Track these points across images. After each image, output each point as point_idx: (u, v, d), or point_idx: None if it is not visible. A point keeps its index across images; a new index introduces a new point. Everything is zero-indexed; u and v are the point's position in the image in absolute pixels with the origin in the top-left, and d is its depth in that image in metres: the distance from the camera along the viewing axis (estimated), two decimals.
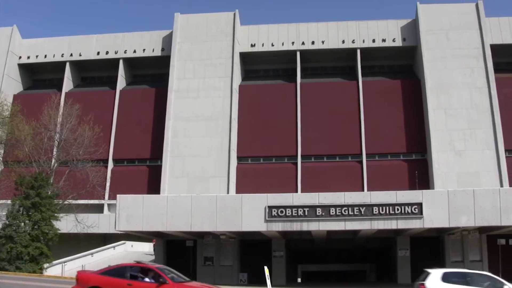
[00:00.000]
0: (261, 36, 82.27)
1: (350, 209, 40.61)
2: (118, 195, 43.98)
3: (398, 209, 40.39)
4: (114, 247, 66.79)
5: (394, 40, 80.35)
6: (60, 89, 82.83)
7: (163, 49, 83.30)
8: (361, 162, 75.92)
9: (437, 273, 29.54)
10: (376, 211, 40.52)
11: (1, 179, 65.18)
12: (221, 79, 79.10)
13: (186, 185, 74.08)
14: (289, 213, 40.98)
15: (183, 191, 70.69)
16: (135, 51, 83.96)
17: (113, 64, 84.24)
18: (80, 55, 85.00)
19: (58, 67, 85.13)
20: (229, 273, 48.64)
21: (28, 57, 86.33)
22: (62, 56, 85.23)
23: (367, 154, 75.93)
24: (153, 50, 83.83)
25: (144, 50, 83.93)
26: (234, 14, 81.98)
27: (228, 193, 71.78)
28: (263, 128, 78.02)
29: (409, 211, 40.32)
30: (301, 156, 76.56)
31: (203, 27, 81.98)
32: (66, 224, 55.41)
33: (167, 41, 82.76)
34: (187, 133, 76.95)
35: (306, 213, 40.88)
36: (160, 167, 76.50)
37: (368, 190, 67.81)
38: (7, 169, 65.07)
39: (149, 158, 79.82)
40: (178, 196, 47.97)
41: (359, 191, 62.23)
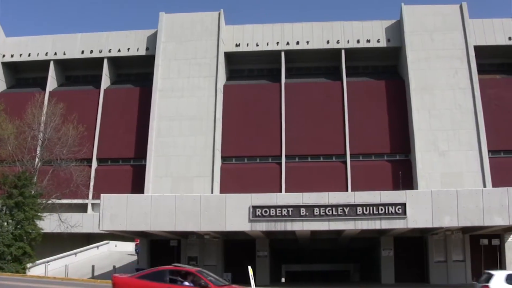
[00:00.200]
0: (246, 36, 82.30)
1: (334, 209, 40.68)
2: (102, 195, 43.87)
3: (382, 209, 40.52)
4: (98, 246, 66.62)
5: (378, 41, 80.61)
6: (44, 88, 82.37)
7: (147, 49, 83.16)
8: (345, 162, 76.07)
9: (501, 274, 29.75)
10: (360, 211, 40.62)
11: None
12: (205, 78, 79.02)
13: (170, 185, 73.95)
14: (273, 213, 41.00)
15: (167, 190, 70.58)
16: (119, 50, 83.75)
17: (97, 63, 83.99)
18: (65, 54, 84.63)
19: (42, 65, 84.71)
20: (213, 272, 48.49)
21: (12, 56, 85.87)
22: (46, 54, 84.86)
23: (351, 154, 76.08)
24: (137, 50, 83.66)
25: (128, 49, 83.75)
26: (219, 13, 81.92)
27: (212, 193, 71.74)
28: (247, 128, 78.05)
29: (393, 211, 40.44)
30: (286, 156, 76.60)
31: (188, 27, 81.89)
32: (49, 223, 55.18)
33: (152, 41, 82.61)
34: (171, 132, 76.84)
35: (290, 213, 40.91)
36: (144, 166, 76.32)
37: (352, 190, 67.93)
38: None
39: (133, 158, 79.62)
40: (162, 195, 47.88)
41: (343, 191, 62.39)
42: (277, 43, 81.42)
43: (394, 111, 77.81)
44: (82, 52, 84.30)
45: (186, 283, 25.77)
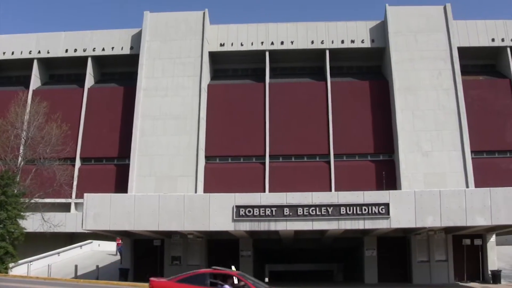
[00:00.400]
0: (230, 36, 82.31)
1: (317, 209, 40.64)
2: (85, 194, 43.62)
3: (365, 209, 40.51)
4: (81, 246, 66.27)
5: (362, 41, 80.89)
6: (28, 87, 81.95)
7: (132, 48, 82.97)
8: (328, 163, 76.24)
9: None
10: (343, 211, 40.61)
11: None
12: (190, 78, 78.98)
13: (154, 184, 73.90)
14: (256, 212, 40.93)
15: (150, 190, 70.53)
16: (103, 49, 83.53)
17: (81, 62, 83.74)
18: (48, 52, 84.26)
19: (26, 64, 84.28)
20: None
21: None
22: (30, 53, 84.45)
23: (335, 154, 76.28)
24: (122, 48, 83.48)
25: (112, 48, 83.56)
26: (204, 13, 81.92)
27: (196, 192, 71.73)
28: (231, 127, 78.06)
29: (376, 211, 40.46)
30: (269, 156, 76.71)
31: (172, 26, 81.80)
32: (32, 223, 54.77)
33: (136, 40, 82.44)
34: (155, 132, 76.75)
35: (274, 213, 40.86)
36: (127, 166, 76.17)
37: (336, 190, 68.06)
38: None
39: (116, 157, 79.41)
40: (145, 195, 47.71)
41: (326, 192, 62.40)
42: (262, 43, 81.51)
43: (378, 111, 78.09)
44: (66, 51, 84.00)
45: (227, 286, 25.51)
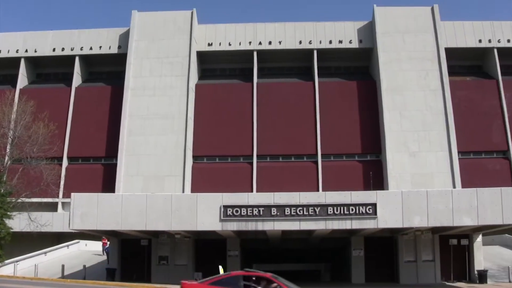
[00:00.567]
0: (218, 35, 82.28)
1: (305, 209, 40.66)
2: (72, 194, 43.47)
3: (352, 210, 40.56)
4: (68, 246, 66.01)
5: (350, 42, 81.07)
6: (15, 85, 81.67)
7: (119, 47, 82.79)
8: (316, 163, 76.34)
9: None
10: (330, 211, 40.64)
11: None
12: (177, 77, 78.90)
13: (141, 184, 73.78)
14: (244, 212, 40.92)
15: (138, 189, 70.40)
16: (91, 48, 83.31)
17: (69, 61, 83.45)
18: (36, 51, 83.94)
19: (13, 63, 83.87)
20: (183, 272, 48.40)
21: None
22: (17, 52, 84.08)
23: (322, 154, 76.39)
24: (109, 48, 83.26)
25: (100, 47, 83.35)
26: (192, 12, 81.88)
27: (183, 192, 71.69)
28: (219, 127, 78.03)
29: (364, 211, 40.52)
30: (257, 156, 76.75)
31: (160, 25, 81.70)
32: (19, 222, 54.53)
33: (124, 39, 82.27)
34: (142, 131, 76.60)
35: (261, 213, 40.86)
36: (115, 165, 76.00)
37: (323, 190, 68.23)
38: None
39: (104, 156, 79.23)
40: (132, 194, 47.62)
41: (314, 191, 62.49)
42: (250, 42, 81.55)
43: (365, 111, 78.29)
44: (54, 50, 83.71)
45: None
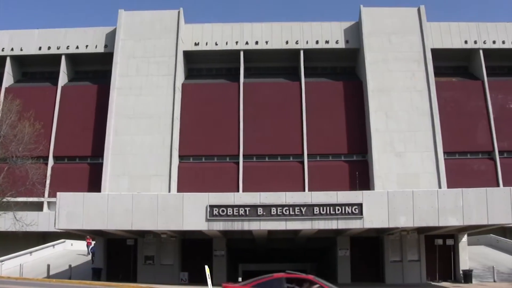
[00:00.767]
0: (205, 35, 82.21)
1: (291, 209, 40.69)
2: (58, 193, 43.31)
3: (338, 210, 40.62)
4: (54, 245, 65.70)
5: (337, 42, 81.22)
6: (0, 84, 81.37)
7: (106, 46, 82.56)
8: (302, 163, 76.43)
9: None
10: (317, 211, 40.70)
11: None
12: (164, 77, 78.77)
13: (127, 184, 73.60)
14: (230, 212, 40.91)
15: (124, 189, 70.29)
16: (77, 47, 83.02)
17: (55, 59, 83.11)
18: (21, 49, 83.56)
19: None
20: (169, 272, 48.44)
21: None
22: (3, 50, 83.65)
23: (308, 154, 76.49)
24: (96, 47, 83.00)
25: (87, 46, 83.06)
26: (179, 12, 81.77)
27: (169, 191, 71.59)
28: (205, 127, 77.99)
29: (350, 211, 40.59)
30: (243, 155, 76.73)
31: (147, 25, 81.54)
32: (4, 222, 54.44)
33: (111, 38, 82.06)
34: (129, 131, 76.41)
35: (247, 213, 40.87)
36: (101, 165, 75.79)
37: (309, 190, 68.24)
38: None
39: (90, 156, 78.97)
40: (118, 194, 47.55)
41: (300, 191, 62.60)
42: (236, 42, 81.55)
43: (351, 112, 78.45)
44: (40, 48, 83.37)
45: None
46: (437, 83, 77.21)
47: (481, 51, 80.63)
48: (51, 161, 77.95)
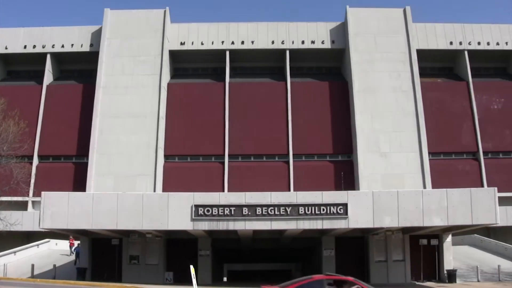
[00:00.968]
0: (191, 35, 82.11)
1: (276, 209, 40.74)
2: (42, 192, 43.20)
3: (323, 209, 40.71)
4: (38, 245, 65.47)
5: (323, 42, 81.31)
6: None
7: (91, 45, 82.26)
8: (288, 163, 76.48)
9: None
10: (302, 211, 40.76)
11: None
12: (149, 76, 78.58)
13: (113, 183, 73.36)
14: (215, 212, 40.91)
15: (109, 189, 70.06)
16: (63, 46, 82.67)
17: (40, 58, 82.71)
18: (6, 48, 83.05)
19: None
20: (154, 272, 48.39)
21: None
22: None
23: (294, 154, 76.57)
24: (81, 46, 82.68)
25: (72, 45, 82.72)
26: (165, 11, 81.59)
27: (154, 191, 71.43)
28: (190, 126, 77.88)
29: (335, 211, 40.68)
30: (229, 155, 76.69)
31: (133, 24, 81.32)
32: None
33: (96, 37, 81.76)
34: (114, 130, 76.17)
35: (233, 213, 40.89)
36: (86, 164, 75.50)
37: (295, 190, 68.25)
38: None
39: (75, 155, 78.65)
40: (103, 193, 47.41)
41: (285, 191, 62.76)
42: (222, 42, 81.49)
43: (337, 112, 78.59)
44: (25, 47, 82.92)
45: None
46: (422, 84, 77.47)
47: (466, 52, 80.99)
48: (36, 160, 77.60)
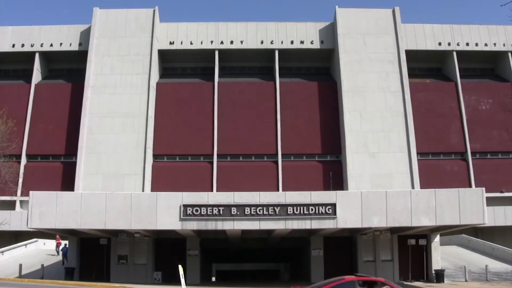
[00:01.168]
0: (180, 34, 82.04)
1: (265, 208, 40.80)
2: (30, 192, 43.09)
3: (312, 209, 40.79)
4: (26, 245, 65.18)
5: (312, 43, 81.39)
6: None
7: (80, 44, 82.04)
8: (276, 162, 76.50)
9: None
10: (290, 211, 40.83)
11: None
12: (138, 75, 78.46)
13: (101, 183, 73.20)
14: (204, 212, 40.92)
15: (98, 188, 69.92)
16: (52, 45, 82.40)
17: (29, 57, 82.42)
18: None
19: None
20: (143, 271, 48.30)
21: None
22: None
23: (282, 154, 76.60)
24: (70, 45, 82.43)
25: (61, 44, 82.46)
26: (154, 11, 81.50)
27: (143, 191, 71.32)
28: (179, 126, 77.83)
29: (323, 211, 40.77)
30: (217, 155, 76.66)
31: (122, 23, 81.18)
32: None
33: (85, 36, 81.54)
34: (102, 129, 75.99)
35: (221, 212, 40.90)
36: (74, 163, 75.28)
37: (283, 190, 68.44)
38: None
39: (63, 154, 78.39)
40: (92, 193, 47.35)
41: (274, 191, 62.76)
42: (211, 42, 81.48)
43: (326, 112, 78.67)
44: (13, 46, 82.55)
45: None
46: (411, 84, 77.73)
47: (454, 53, 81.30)
48: (24, 160, 77.29)
